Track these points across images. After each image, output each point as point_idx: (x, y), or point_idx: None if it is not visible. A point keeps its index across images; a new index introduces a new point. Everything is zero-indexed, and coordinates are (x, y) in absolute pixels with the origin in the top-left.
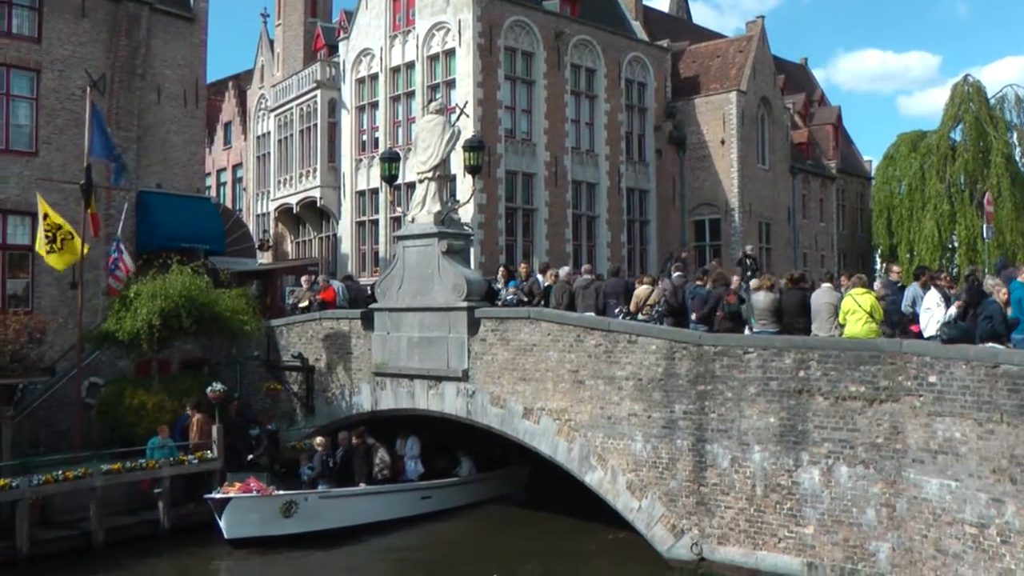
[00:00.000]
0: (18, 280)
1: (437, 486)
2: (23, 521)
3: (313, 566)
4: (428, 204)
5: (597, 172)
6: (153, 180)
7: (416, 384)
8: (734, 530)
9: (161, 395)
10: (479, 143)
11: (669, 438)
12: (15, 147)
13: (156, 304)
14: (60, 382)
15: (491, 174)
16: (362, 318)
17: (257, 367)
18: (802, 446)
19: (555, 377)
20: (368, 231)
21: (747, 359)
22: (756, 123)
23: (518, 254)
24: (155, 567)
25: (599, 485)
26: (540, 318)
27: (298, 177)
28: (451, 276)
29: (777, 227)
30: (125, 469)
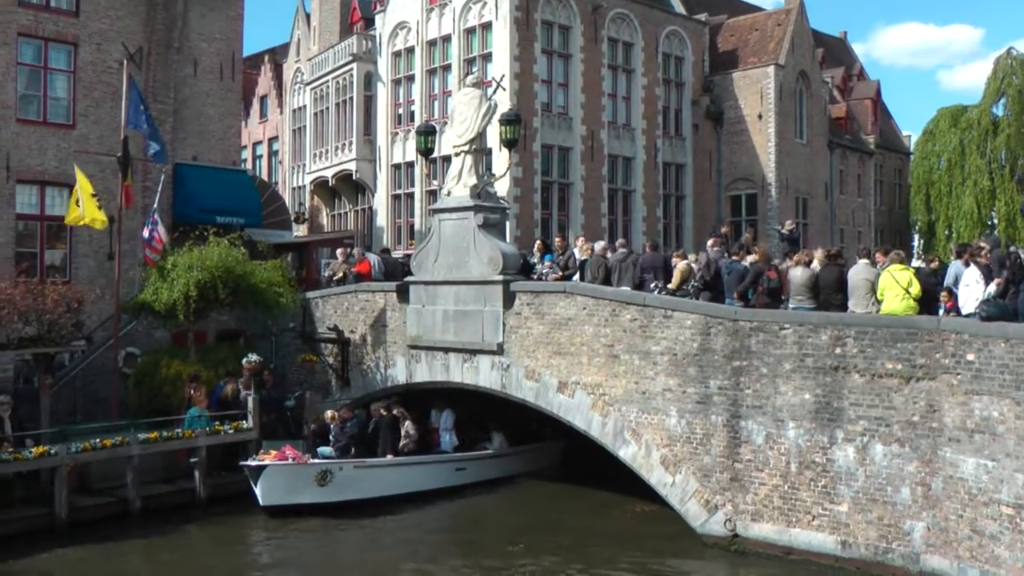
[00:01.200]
0: (56, 251)
1: (471, 458)
2: (61, 488)
3: (346, 534)
4: (464, 177)
5: (633, 146)
6: (189, 153)
7: (451, 357)
8: (768, 507)
9: (197, 365)
10: (516, 117)
11: (704, 413)
12: (53, 120)
13: (193, 275)
14: (97, 352)
15: (527, 148)
16: (397, 291)
17: (292, 339)
18: (837, 423)
19: (590, 351)
20: (403, 204)
21: (783, 335)
22: (794, 97)
23: (553, 228)
24: (191, 534)
25: (633, 460)
26: (575, 292)
27: (334, 150)
28: (487, 249)
29: (814, 202)
30: (162, 438)
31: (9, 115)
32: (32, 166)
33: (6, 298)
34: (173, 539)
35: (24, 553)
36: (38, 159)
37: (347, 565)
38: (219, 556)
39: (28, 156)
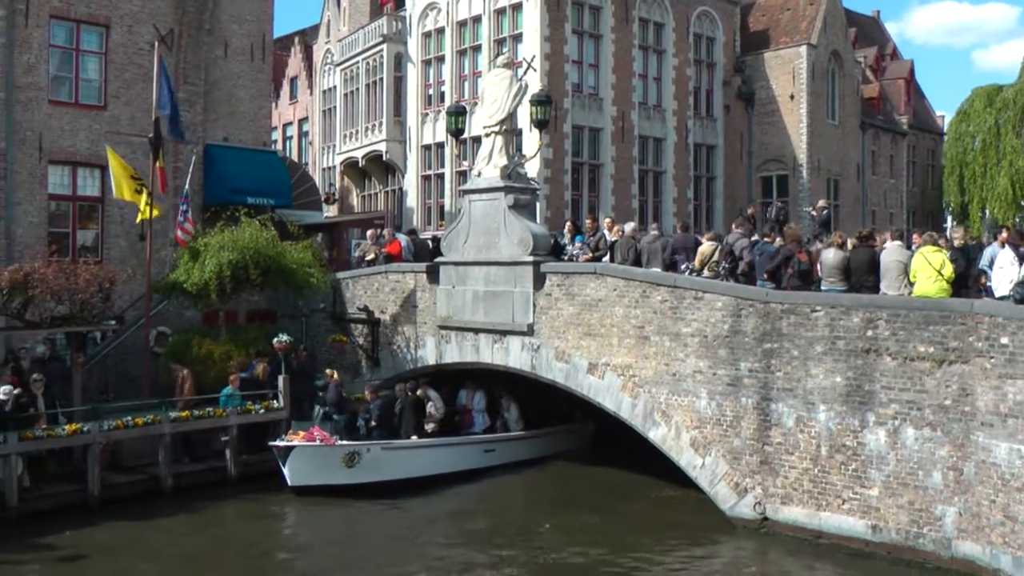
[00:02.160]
0: (88, 231)
1: (500, 440)
2: (94, 465)
3: (373, 515)
4: (494, 158)
5: (664, 127)
6: (220, 134)
7: (481, 338)
8: (798, 490)
9: (228, 345)
10: (546, 97)
11: (734, 396)
12: (85, 101)
13: (224, 256)
14: (128, 331)
15: (557, 129)
16: (427, 272)
17: (323, 319)
18: (868, 407)
19: (620, 333)
20: (433, 185)
21: (814, 317)
22: (826, 77)
23: (584, 209)
24: (221, 511)
25: (663, 441)
26: (606, 273)
27: (364, 131)
28: (517, 230)
29: (845, 184)
30: (193, 417)
31: (41, 97)
32: (64, 147)
33: (39, 277)
34: (203, 516)
35: (58, 528)
36: (70, 140)
37: (373, 544)
38: (247, 534)
39: (60, 137)
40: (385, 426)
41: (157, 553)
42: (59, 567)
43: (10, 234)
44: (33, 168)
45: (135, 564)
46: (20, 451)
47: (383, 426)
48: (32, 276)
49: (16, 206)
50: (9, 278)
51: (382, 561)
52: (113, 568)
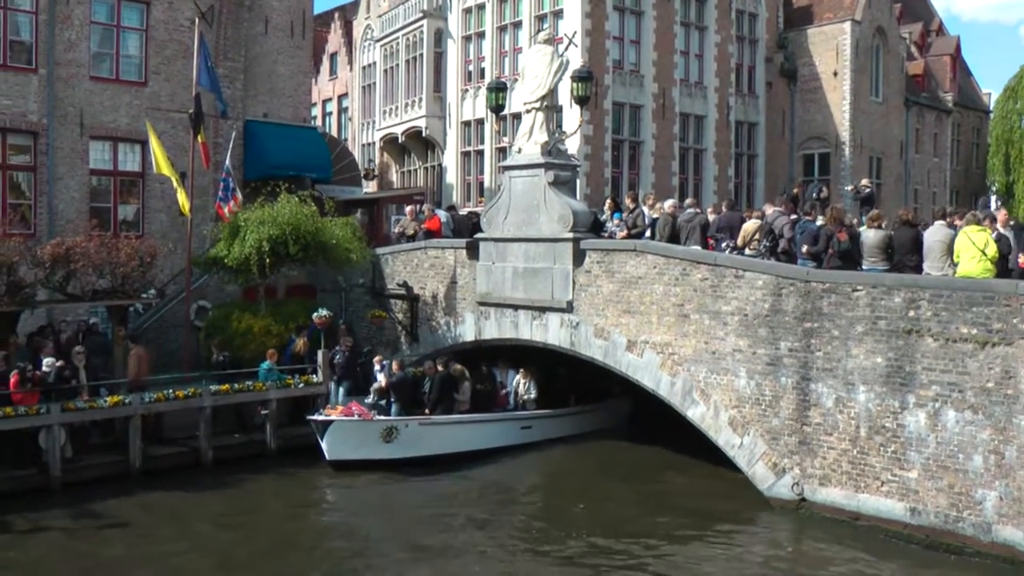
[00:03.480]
0: (129, 206)
1: (537, 416)
2: (135, 437)
3: (409, 490)
4: (535, 134)
5: (705, 105)
6: (260, 110)
7: (520, 314)
8: (836, 471)
9: (268, 319)
10: (588, 74)
11: (773, 375)
12: (125, 77)
13: (264, 231)
14: (169, 305)
15: (598, 105)
16: (467, 248)
17: (362, 294)
18: (909, 388)
19: (660, 310)
20: (473, 161)
21: (855, 297)
22: (870, 54)
23: (624, 186)
24: (261, 483)
25: (701, 420)
26: (646, 251)
27: (403, 107)
28: (557, 207)
29: (888, 162)
30: (233, 390)
31: (83, 73)
32: (105, 123)
33: (81, 251)
34: (242, 488)
35: (101, 497)
36: (111, 116)
37: (407, 518)
38: (285, 505)
39: (101, 113)
40: (404, 399)
41: (196, 523)
42: (101, 535)
43: (52, 209)
44: (74, 143)
45: (175, 533)
46: (62, 422)
47: (403, 399)
48: (74, 250)
49: (58, 181)
50: (51, 252)
51: (416, 535)
52: (154, 537)
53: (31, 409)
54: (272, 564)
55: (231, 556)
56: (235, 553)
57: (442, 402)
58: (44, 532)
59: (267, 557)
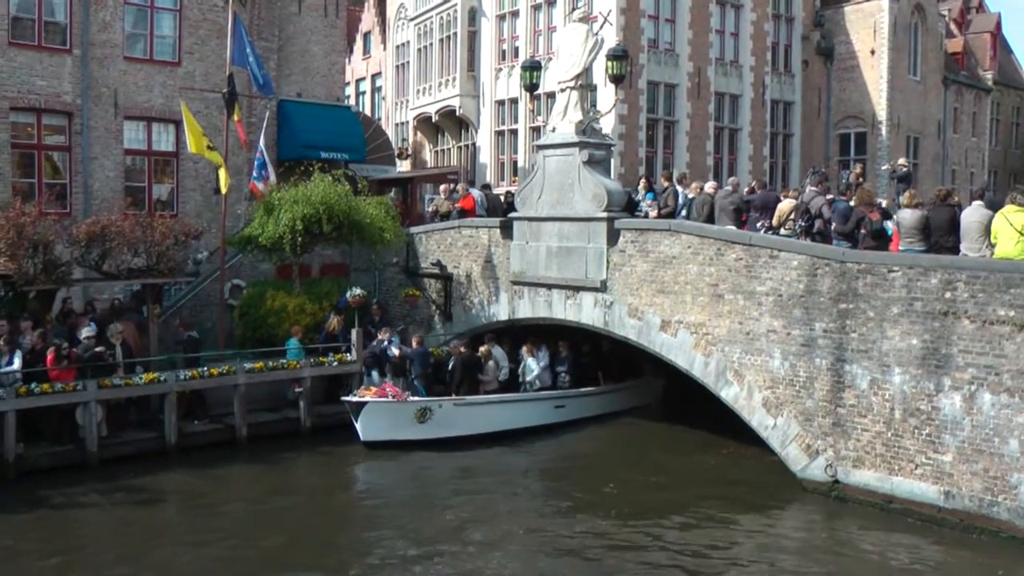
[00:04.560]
0: (163, 185)
1: (571, 396)
2: (171, 414)
3: (442, 469)
4: (569, 113)
5: (741, 84)
6: (294, 89)
7: (554, 294)
8: (870, 454)
9: (302, 298)
10: (623, 52)
11: (808, 356)
12: (159, 57)
13: (298, 210)
14: (203, 283)
15: (632, 85)
16: (501, 227)
17: (396, 273)
18: (944, 370)
19: (694, 290)
20: (507, 140)
21: (891, 278)
22: (908, 32)
23: (658, 166)
24: (294, 461)
25: (734, 401)
26: (680, 230)
27: (437, 86)
28: (591, 186)
29: (925, 142)
30: (267, 368)
31: (117, 54)
32: (139, 103)
33: (116, 230)
34: (277, 466)
35: (138, 473)
36: (145, 96)
37: (440, 496)
38: (319, 483)
39: (135, 93)
40: (424, 374)
41: (231, 499)
42: (137, 511)
43: (87, 188)
44: (109, 123)
45: (210, 509)
46: (99, 399)
47: (423, 375)
48: (109, 229)
49: (92, 161)
50: (87, 231)
51: (447, 513)
52: (188, 512)
53: (68, 386)
54: (305, 540)
55: (264, 533)
56: (268, 530)
57: (465, 383)
58: (82, 507)
59: (301, 533)
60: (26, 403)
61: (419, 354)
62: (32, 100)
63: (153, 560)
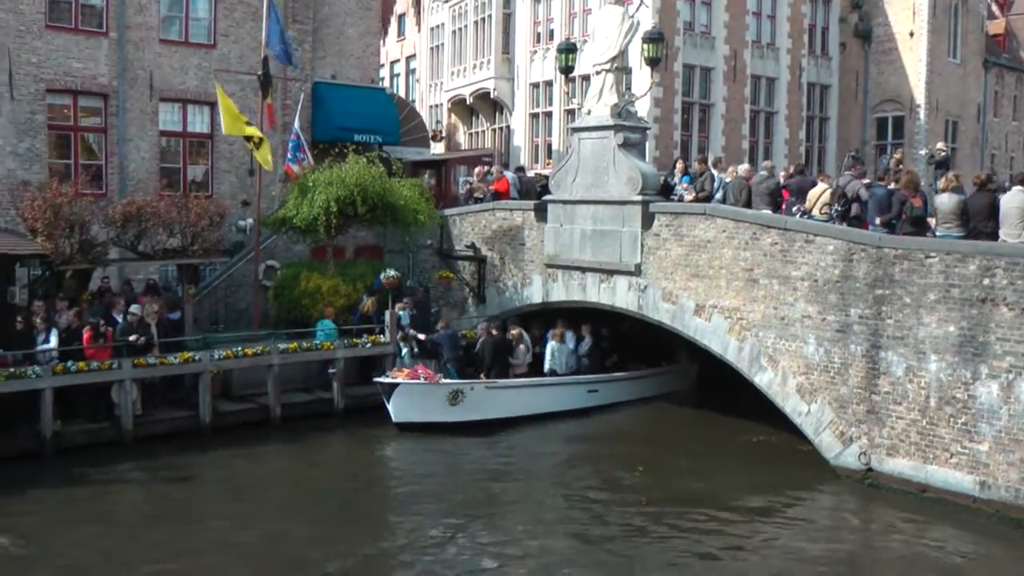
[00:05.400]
0: (198, 166)
1: (603, 380)
2: (205, 393)
3: (474, 451)
4: (605, 96)
5: (777, 66)
6: (328, 72)
7: (588, 277)
8: (904, 442)
9: (336, 279)
10: (659, 35)
11: (843, 342)
12: (194, 40)
13: (332, 191)
14: (238, 264)
15: (668, 68)
16: (535, 210)
17: (430, 255)
18: (982, 358)
19: (728, 275)
20: (541, 123)
21: (928, 264)
22: (949, 13)
23: (693, 150)
24: (328, 441)
25: (768, 386)
26: (716, 214)
27: (471, 68)
28: (626, 169)
29: (965, 125)
30: (301, 349)
31: (152, 36)
32: (174, 85)
33: (152, 211)
34: (311, 446)
35: (172, 451)
36: (180, 78)
37: (470, 478)
38: (350, 464)
39: (170, 75)
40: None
41: (265, 478)
42: (171, 488)
43: (123, 169)
44: (144, 105)
45: (244, 488)
46: (134, 377)
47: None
48: (144, 209)
49: (128, 142)
50: (122, 211)
51: (477, 495)
52: (224, 491)
53: (103, 364)
54: (338, 519)
55: (297, 512)
56: (301, 509)
57: (496, 366)
58: (119, 484)
59: (334, 513)
60: (62, 381)
61: (446, 337)
62: (69, 82)
63: (189, 538)
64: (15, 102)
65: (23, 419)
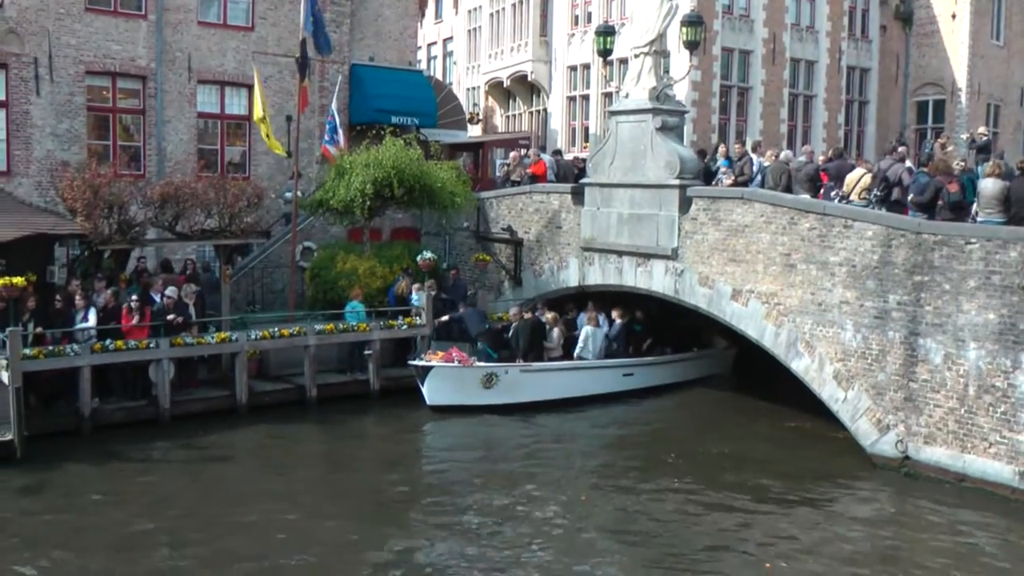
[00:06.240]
0: (235, 148)
1: (639, 364)
2: (242, 373)
3: (507, 434)
4: (643, 79)
5: (817, 49)
6: (366, 54)
7: (624, 260)
8: (942, 430)
9: (372, 261)
10: (698, 18)
11: (880, 329)
12: (232, 22)
13: (369, 173)
14: (275, 245)
15: (706, 51)
16: (572, 193)
17: (466, 238)
18: (1022, 346)
19: (766, 260)
20: (578, 106)
21: (969, 250)
22: None
23: (731, 133)
24: (363, 422)
25: (805, 372)
26: (753, 199)
27: (509, 51)
28: (664, 153)
29: (1007, 109)
30: (337, 330)
31: (190, 19)
32: (212, 67)
33: (189, 192)
34: (346, 426)
35: (209, 430)
36: (218, 60)
37: (504, 461)
38: (385, 445)
39: (208, 58)
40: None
41: (300, 457)
42: (208, 467)
43: (161, 151)
44: (182, 87)
45: (280, 466)
46: (171, 356)
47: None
48: (182, 190)
49: (166, 124)
50: (161, 192)
51: (510, 478)
52: (260, 470)
53: (141, 343)
54: (372, 501)
55: (332, 493)
56: (336, 490)
57: (532, 350)
58: (155, 462)
59: (368, 494)
60: (101, 359)
61: (470, 315)
62: (107, 64)
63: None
64: (55, 84)
65: (61, 397)
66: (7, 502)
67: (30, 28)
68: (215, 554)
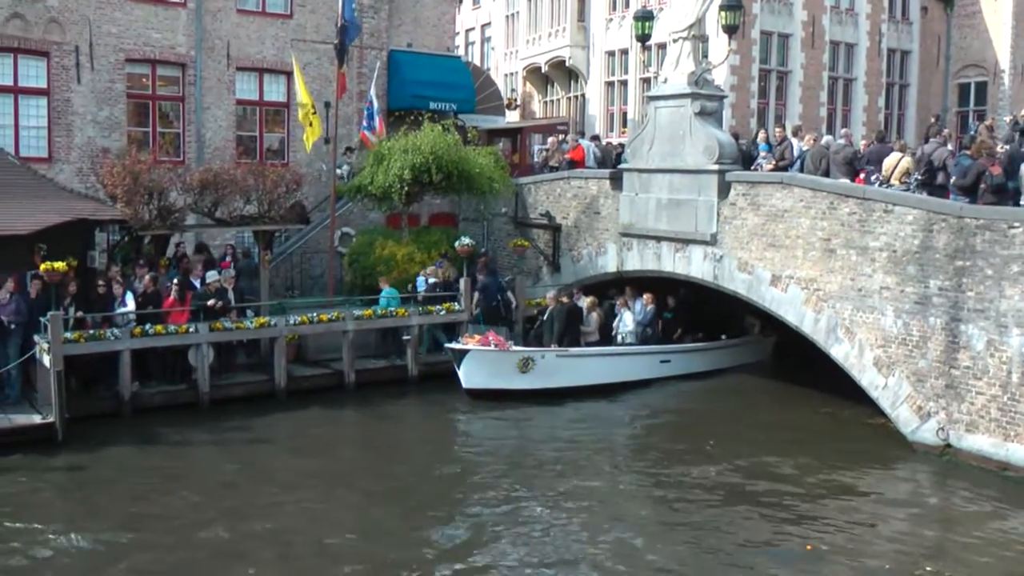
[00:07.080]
0: (274, 135)
1: (676, 351)
2: (280, 357)
3: (545, 420)
4: (681, 64)
5: (856, 32)
6: (404, 40)
7: (663, 246)
8: (984, 418)
9: (411, 247)
10: (736, 2)
11: (921, 315)
12: (271, 10)
13: (407, 159)
14: (313, 231)
15: (745, 35)
16: (610, 178)
17: (504, 223)
18: None
19: (805, 245)
20: (616, 91)
21: (1012, 235)
22: None
23: (770, 118)
24: (401, 406)
25: (845, 359)
26: (792, 183)
27: (547, 36)
28: (703, 138)
29: None
30: (375, 316)
31: (230, 6)
32: (251, 54)
33: (228, 178)
34: (383, 410)
35: (248, 414)
36: (257, 48)
37: (541, 446)
38: (424, 428)
39: (247, 45)
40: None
41: (340, 441)
42: (247, 450)
43: (200, 137)
44: (221, 74)
45: (319, 450)
46: (210, 341)
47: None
48: (221, 176)
49: (205, 111)
50: (200, 178)
51: (546, 463)
52: (299, 454)
53: (181, 328)
54: (411, 485)
55: (371, 477)
56: (375, 474)
57: (568, 334)
58: (197, 444)
59: (407, 479)
60: (141, 343)
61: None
62: (147, 52)
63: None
64: (95, 72)
65: (102, 380)
66: (52, 482)
67: (71, 17)
68: (271, 533)
